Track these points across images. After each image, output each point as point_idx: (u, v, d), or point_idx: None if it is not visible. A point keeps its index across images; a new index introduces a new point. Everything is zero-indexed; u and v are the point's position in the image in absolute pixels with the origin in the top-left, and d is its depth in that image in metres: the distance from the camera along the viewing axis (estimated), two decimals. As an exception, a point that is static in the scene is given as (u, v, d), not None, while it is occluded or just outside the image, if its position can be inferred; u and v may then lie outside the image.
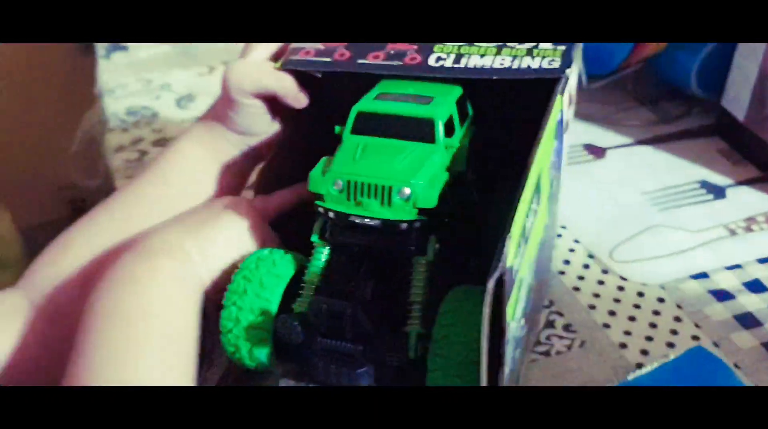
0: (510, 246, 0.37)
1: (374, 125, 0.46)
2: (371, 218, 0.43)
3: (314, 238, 0.45)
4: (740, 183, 0.75)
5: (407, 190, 0.42)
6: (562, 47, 0.49)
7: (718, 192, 0.74)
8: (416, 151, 0.45)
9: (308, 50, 0.51)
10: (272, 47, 0.53)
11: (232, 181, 0.55)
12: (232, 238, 0.48)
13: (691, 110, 0.86)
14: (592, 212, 0.72)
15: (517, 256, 0.39)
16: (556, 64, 0.47)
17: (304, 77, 0.52)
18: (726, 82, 0.78)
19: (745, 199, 0.73)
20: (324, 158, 0.46)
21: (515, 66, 0.48)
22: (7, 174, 1.06)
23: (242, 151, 0.55)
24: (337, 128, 0.47)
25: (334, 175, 0.43)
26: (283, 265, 0.46)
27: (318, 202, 0.44)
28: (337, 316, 0.42)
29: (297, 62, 0.51)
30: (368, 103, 0.47)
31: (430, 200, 0.43)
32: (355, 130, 0.46)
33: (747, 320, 0.59)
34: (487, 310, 0.37)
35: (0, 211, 0.80)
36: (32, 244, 0.52)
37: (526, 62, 0.48)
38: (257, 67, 0.52)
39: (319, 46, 0.51)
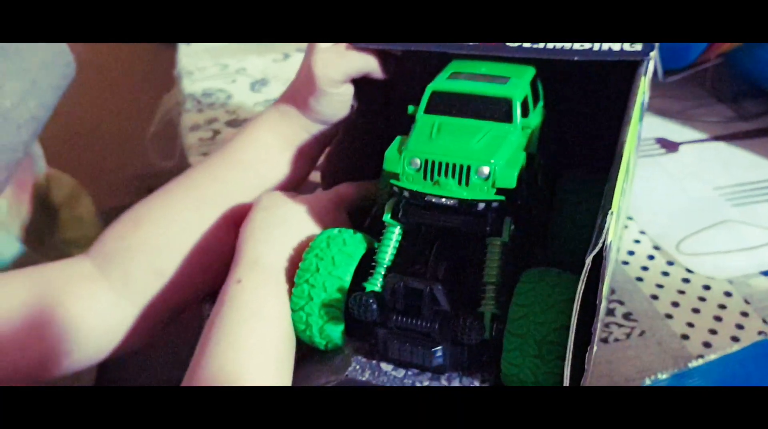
0: (611, 222, 0.36)
1: (449, 104, 0.45)
2: (448, 198, 0.42)
3: (386, 217, 0.45)
4: (821, 182, 0.72)
5: (486, 170, 0.42)
6: None
7: (797, 190, 0.72)
8: (493, 131, 0.44)
9: None
10: None
11: (303, 165, 0.57)
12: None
13: (772, 108, 0.83)
14: (660, 205, 0.70)
15: (615, 234, 0.38)
16: (638, 47, 0.46)
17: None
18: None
19: (826, 199, 0.70)
20: (399, 137, 0.45)
21: (596, 48, 0.47)
22: (90, 160, 1.11)
23: (315, 136, 0.56)
24: (410, 108, 0.47)
25: (410, 154, 0.43)
26: (353, 244, 0.46)
27: (393, 181, 0.43)
28: (414, 294, 0.42)
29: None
30: (443, 83, 0.47)
31: (510, 180, 0.42)
32: (429, 110, 0.46)
33: (819, 318, 0.57)
34: (581, 286, 0.36)
35: (81, 194, 0.84)
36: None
37: (607, 45, 0.47)
38: (341, 53, 0.52)
39: None
